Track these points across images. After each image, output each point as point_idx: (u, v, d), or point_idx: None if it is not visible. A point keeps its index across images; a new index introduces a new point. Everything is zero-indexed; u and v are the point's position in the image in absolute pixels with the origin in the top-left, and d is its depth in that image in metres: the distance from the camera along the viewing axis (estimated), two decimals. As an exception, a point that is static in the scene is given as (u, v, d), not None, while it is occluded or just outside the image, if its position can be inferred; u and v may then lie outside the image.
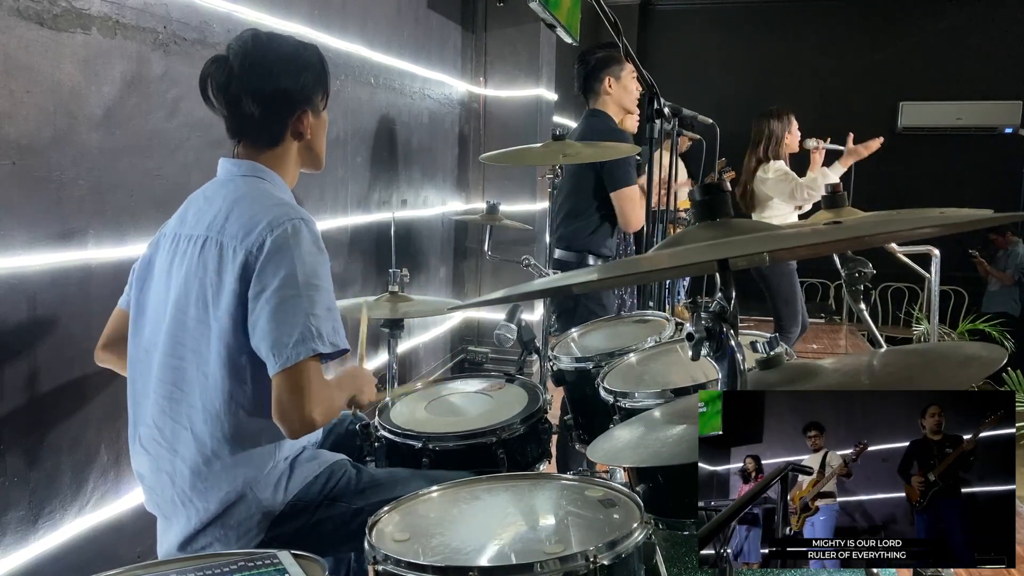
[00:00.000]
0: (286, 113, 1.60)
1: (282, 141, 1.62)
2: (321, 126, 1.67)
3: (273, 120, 1.60)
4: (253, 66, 1.56)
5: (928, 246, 4.54)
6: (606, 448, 1.24)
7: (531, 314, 3.84)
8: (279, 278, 1.45)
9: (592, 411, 1.96)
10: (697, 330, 0.93)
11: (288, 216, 1.50)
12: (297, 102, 1.60)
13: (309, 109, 1.63)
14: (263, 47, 1.58)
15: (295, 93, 1.60)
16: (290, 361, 1.42)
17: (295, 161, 1.67)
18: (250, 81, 1.55)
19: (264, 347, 1.44)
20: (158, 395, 1.55)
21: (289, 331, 1.42)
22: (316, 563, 1.14)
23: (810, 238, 0.97)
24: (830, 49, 7.77)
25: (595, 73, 3.05)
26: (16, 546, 1.77)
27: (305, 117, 1.62)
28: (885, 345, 1.61)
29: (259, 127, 1.60)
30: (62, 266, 1.86)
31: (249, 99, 1.56)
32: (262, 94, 1.56)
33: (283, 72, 1.58)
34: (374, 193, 3.59)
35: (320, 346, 1.43)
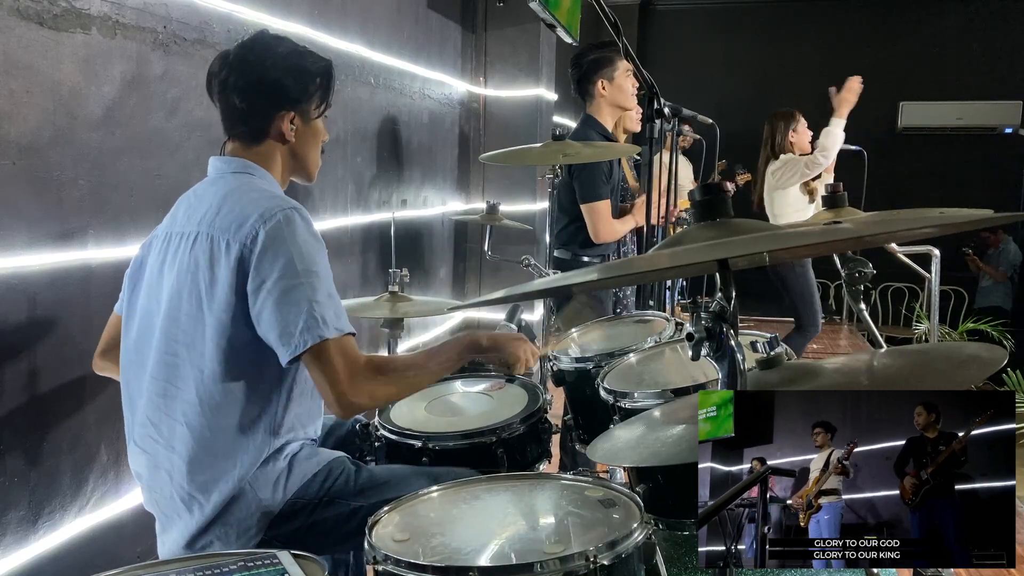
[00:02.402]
0: (269, 109, 1.61)
1: (264, 139, 1.63)
2: (311, 134, 1.67)
3: (254, 114, 1.61)
4: (246, 59, 1.59)
5: (928, 246, 4.56)
6: (606, 448, 1.24)
7: (531, 314, 3.84)
8: (278, 268, 1.46)
9: (592, 411, 1.96)
10: (697, 330, 0.94)
11: (280, 207, 1.50)
12: (282, 101, 1.61)
13: (296, 113, 1.63)
14: (263, 45, 1.61)
15: (282, 91, 1.60)
16: (299, 349, 1.43)
17: (282, 165, 1.67)
18: (240, 73, 1.58)
19: (272, 337, 1.46)
20: (152, 392, 1.55)
21: (295, 320, 1.44)
22: (316, 563, 1.14)
23: (810, 238, 0.97)
24: (830, 49, 7.77)
25: (587, 76, 3.05)
26: (16, 546, 1.77)
27: (288, 118, 1.62)
28: (885, 345, 1.61)
29: (242, 119, 1.61)
30: (62, 266, 1.86)
31: (236, 91, 1.58)
32: (247, 85, 1.58)
33: (273, 68, 1.59)
34: (374, 193, 3.59)
35: (326, 331, 1.45)
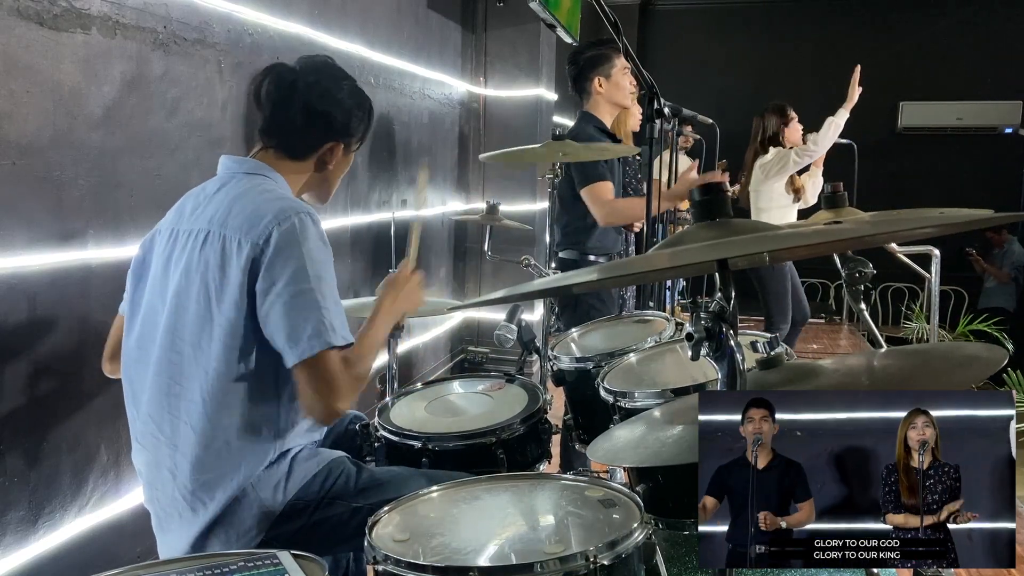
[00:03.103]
0: (324, 136, 1.65)
1: (305, 160, 1.66)
2: (345, 165, 1.73)
3: (309, 136, 1.64)
4: (318, 83, 1.62)
5: (928, 246, 4.56)
6: (606, 448, 1.24)
7: (531, 314, 3.84)
8: (289, 272, 1.46)
9: (592, 411, 1.96)
10: (697, 330, 0.93)
11: (294, 210, 1.51)
12: (338, 132, 1.66)
13: (343, 144, 1.67)
14: (332, 73, 1.66)
15: (341, 123, 1.65)
16: (305, 354, 1.44)
17: (306, 183, 1.70)
18: (311, 92, 1.61)
19: (279, 339, 1.46)
20: (155, 391, 1.54)
21: (303, 324, 1.45)
22: (316, 563, 1.14)
23: (810, 238, 0.97)
24: (830, 49, 7.76)
25: (584, 74, 3.04)
26: (16, 546, 1.77)
27: (337, 149, 1.67)
28: (885, 345, 1.61)
29: (294, 136, 1.63)
30: (62, 266, 1.86)
31: (301, 107, 1.61)
32: (315, 108, 1.61)
33: (341, 100, 1.64)
34: (374, 193, 3.59)
35: (334, 338, 1.46)
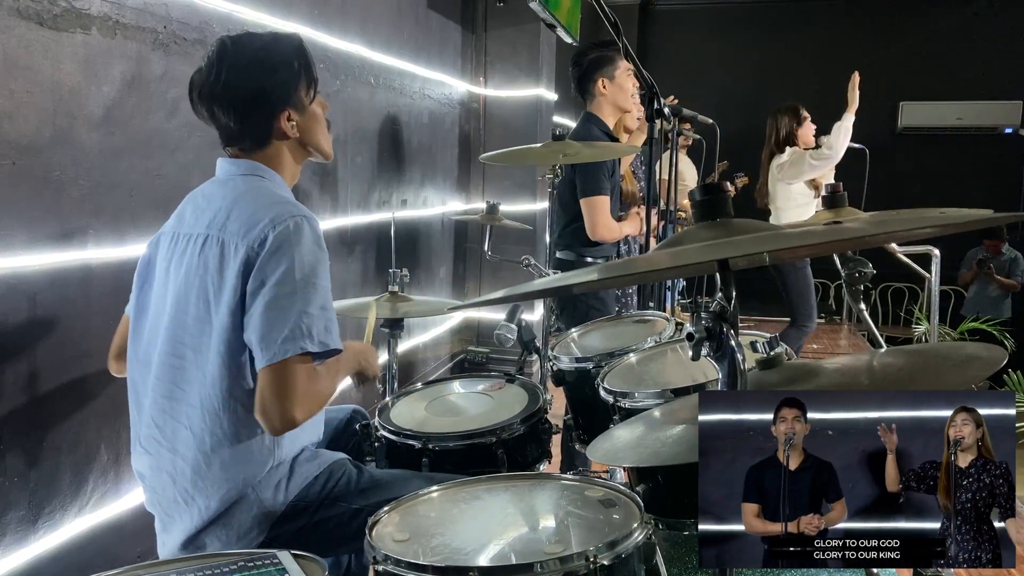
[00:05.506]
0: (265, 117, 1.58)
1: (269, 143, 1.61)
2: (311, 120, 1.63)
3: (252, 126, 1.58)
4: (221, 76, 1.54)
5: (928, 246, 4.56)
6: (606, 448, 1.24)
7: (531, 314, 3.84)
8: (277, 273, 1.45)
9: (592, 411, 1.96)
10: (697, 330, 0.93)
11: (291, 213, 1.50)
12: (275, 104, 1.58)
13: (290, 108, 1.59)
14: (231, 55, 1.55)
15: (270, 96, 1.57)
16: (277, 357, 1.42)
17: (291, 159, 1.65)
18: (223, 92, 1.54)
19: (254, 340, 1.44)
20: (157, 394, 1.54)
21: (280, 327, 1.43)
22: (316, 563, 1.14)
23: (810, 238, 0.97)
24: (830, 49, 7.76)
25: (588, 75, 3.04)
26: (16, 546, 1.77)
27: (284, 117, 1.59)
28: (885, 345, 1.61)
29: (241, 134, 1.59)
30: (62, 266, 1.86)
31: (224, 110, 1.55)
32: (235, 104, 1.55)
33: (253, 77, 1.55)
34: (374, 193, 3.59)
35: (309, 344, 1.44)
